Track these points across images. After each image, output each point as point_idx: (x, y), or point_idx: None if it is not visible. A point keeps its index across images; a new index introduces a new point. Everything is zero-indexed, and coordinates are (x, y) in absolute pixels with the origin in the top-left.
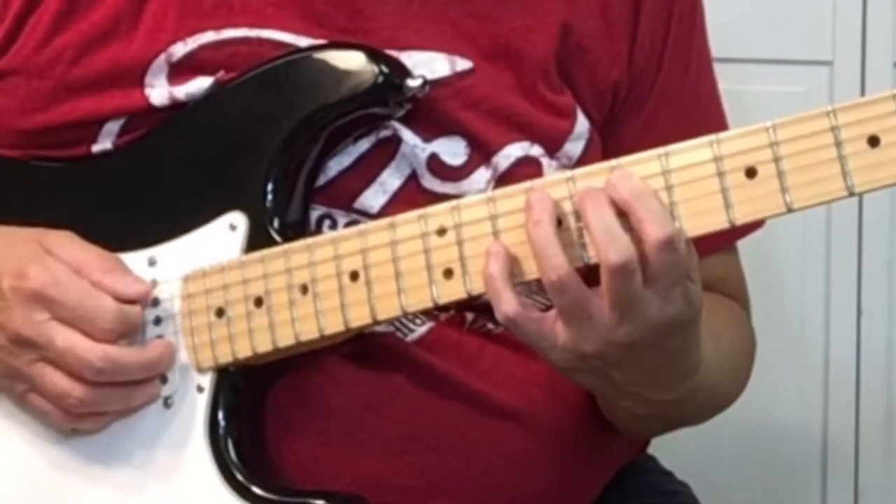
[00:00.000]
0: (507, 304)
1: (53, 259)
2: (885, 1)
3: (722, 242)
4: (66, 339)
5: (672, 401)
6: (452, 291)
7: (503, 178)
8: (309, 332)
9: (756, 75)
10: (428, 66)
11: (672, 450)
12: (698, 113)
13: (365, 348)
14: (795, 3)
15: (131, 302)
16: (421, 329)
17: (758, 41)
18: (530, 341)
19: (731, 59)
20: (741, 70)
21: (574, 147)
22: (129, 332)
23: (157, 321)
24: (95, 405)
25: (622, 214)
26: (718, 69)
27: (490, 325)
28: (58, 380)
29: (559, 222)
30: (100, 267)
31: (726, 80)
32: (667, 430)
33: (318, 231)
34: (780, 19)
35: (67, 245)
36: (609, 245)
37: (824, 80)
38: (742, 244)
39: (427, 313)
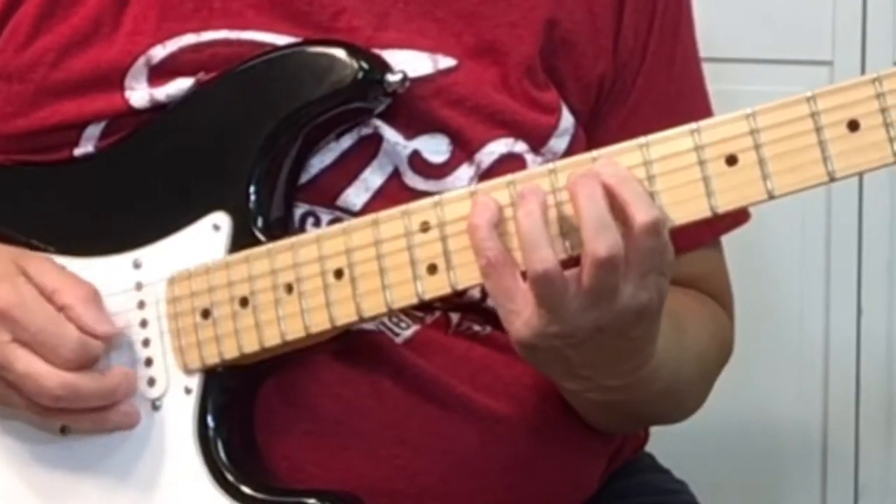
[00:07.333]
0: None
1: (25, 281)
2: (885, 1)
3: (704, 237)
4: (26, 364)
5: (621, 387)
6: (437, 286)
7: (486, 175)
8: (295, 331)
9: (756, 75)
10: (409, 64)
11: (670, 448)
12: (684, 104)
13: (353, 350)
14: (795, 3)
15: (95, 338)
16: (406, 332)
17: (757, 41)
18: (498, 303)
19: (730, 59)
20: (741, 70)
21: (559, 143)
22: (87, 365)
23: (143, 323)
24: (62, 420)
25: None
26: (718, 69)
27: (476, 328)
28: (17, 400)
29: None
30: (73, 293)
31: (726, 81)
32: (635, 423)
33: (302, 229)
34: (780, 19)
35: (44, 269)
36: (598, 237)
37: (824, 80)
38: (741, 244)
39: (412, 315)
